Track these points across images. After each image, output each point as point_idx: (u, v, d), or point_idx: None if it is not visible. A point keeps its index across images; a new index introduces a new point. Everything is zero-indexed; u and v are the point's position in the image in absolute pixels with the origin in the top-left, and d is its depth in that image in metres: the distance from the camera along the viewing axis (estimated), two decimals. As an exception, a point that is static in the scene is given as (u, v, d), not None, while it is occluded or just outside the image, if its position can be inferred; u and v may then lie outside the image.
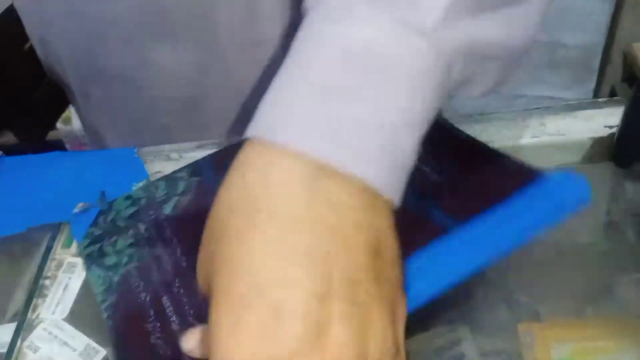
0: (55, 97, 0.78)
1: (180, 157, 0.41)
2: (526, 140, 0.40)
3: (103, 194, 0.38)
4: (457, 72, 0.25)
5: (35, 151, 0.43)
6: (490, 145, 0.39)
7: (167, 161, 0.41)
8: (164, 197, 0.35)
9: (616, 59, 1.37)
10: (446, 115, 0.41)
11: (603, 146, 0.39)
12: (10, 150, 0.46)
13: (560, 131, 0.40)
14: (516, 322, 0.36)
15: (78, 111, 0.52)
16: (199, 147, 0.41)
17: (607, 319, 0.35)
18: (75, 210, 0.37)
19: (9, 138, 0.98)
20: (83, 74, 0.44)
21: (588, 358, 0.35)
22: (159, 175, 0.40)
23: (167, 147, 0.41)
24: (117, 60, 0.41)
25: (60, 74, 0.47)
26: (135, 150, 0.41)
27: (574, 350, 0.35)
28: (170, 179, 0.37)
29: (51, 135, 0.80)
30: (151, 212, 0.35)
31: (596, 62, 1.29)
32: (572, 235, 0.39)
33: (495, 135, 0.40)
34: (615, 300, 0.36)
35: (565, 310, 0.36)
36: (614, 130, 0.39)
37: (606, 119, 0.39)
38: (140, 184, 0.38)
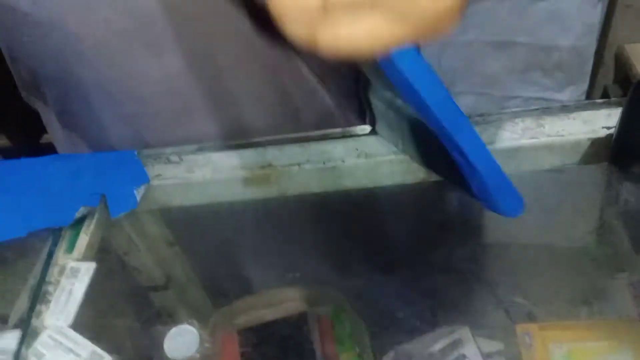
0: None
1: (181, 159, 0.41)
2: (524, 141, 0.40)
3: (104, 197, 0.38)
4: None
5: (29, 154, 0.43)
6: (490, 147, 0.39)
7: (167, 164, 0.41)
8: None
9: (608, 61, 1.38)
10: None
11: (601, 147, 0.39)
12: (4, 154, 0.45)
13: (559, 132, 0.40)
14: (514, 324, 0.36)
15: (53, 130, 0.50)
16: (199, 150, 0.41)
17: (605, 321, 0.36)
18: (77, 214, 0.37)
19: (3, 141, 0.97)
20: (60, 90, 0.43)
21: (586, 358, 0.35)
22: (159, 179, 0.40)
23: (167, 150, 0.41)
24: (95, 73, 0.40)
25: (35, 90, 0.45)
26: (136, 152, 0.41)
27: (571, 351, 0.36)
28: None
29: (45, 138, 0.79)
30: None
31: (589, 64, 1.30)
32: (567, 237, 0.40)
33: (494, 136, 0.40)
34: (610, 302, 0.37)
35: (560, 311, 0.36)
36: (612, 131, 0.39)
37: (604, 121, 0.40)
38: None
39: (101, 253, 0.37)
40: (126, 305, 0.38)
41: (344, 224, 0.40)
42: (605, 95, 1.41)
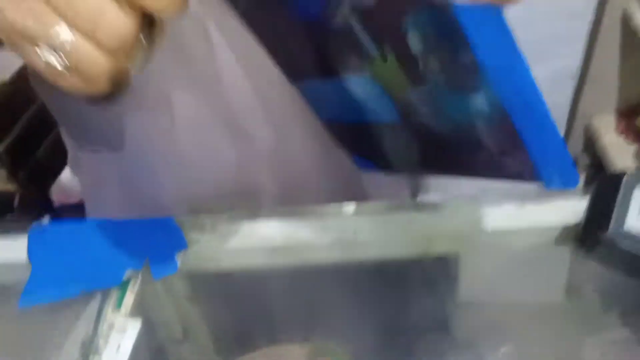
0: (57, 153, 0.84)
1: (214, 227, 0.47)
2: (506, 224, 0.48)
3: (147, 261, 0.44)
4: None
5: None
6: (475, 227, 0.47)
7: (202, 231, 0.47)
8: None
9: (578, 130, 1.50)
10: (437, 195, 0.48)
11: (571, 231, 0.47)
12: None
13: (535, 217, 0.48)
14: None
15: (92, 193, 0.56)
16: (231, 218, 0.47)
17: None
18: (124, 278, 0.43)
19: (13, 187, 1.01)
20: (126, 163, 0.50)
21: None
22: (196, 245, 0.45)
23: (202, 217, 0.47)
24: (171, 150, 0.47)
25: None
26: (174, 219, 0.46)
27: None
28: None
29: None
30: None
31: (561, 133, 1.40)
32: (542, 303, 0.47)
33: (479, 218, 0.48)
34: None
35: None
36: (580, 219, 0.47)
37: (574, 208, 0.48)
38: None
39: (144, 310, 0.42)
40: (164, 356, 0.43)
41: (356, 291, 0.46)
42: (574, 163, 1.53)
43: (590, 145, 1.52)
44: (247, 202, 0.49)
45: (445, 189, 0.49)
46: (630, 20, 1.25)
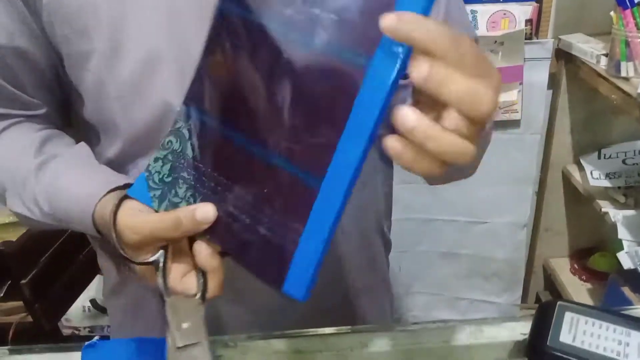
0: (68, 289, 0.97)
1: (235, 344, 0.57)
2: (469, 341, 0.60)
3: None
4: None
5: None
6: (448, 344, 0.58)
7: (225, 347, 0.57)
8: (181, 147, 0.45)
9: (538, 271, 1.67)
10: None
11: (520, 346, 0.59)
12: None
13: (492, 335, 0.60)
14: None
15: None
16: (249, 338, 0.58)
17: None
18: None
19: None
20: None
21: None
22: (221, 359, 0.56)
23: (225, 337, 0.58)
24: None
25: None
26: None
27: None
28: (175, 131, 0.45)
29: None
30: (182, 161, 0.45)
31: (520, 274, 1.57)
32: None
33: (449, 337, 0.60)
34: None
35: None
36: (527, 336, 0.59)
37: (522, 329, 0.60)
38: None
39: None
40: None
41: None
42: (538, 299, 1.67)
43: (550, 283, 1.66)
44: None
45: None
46: (569, 178, 1.48)
